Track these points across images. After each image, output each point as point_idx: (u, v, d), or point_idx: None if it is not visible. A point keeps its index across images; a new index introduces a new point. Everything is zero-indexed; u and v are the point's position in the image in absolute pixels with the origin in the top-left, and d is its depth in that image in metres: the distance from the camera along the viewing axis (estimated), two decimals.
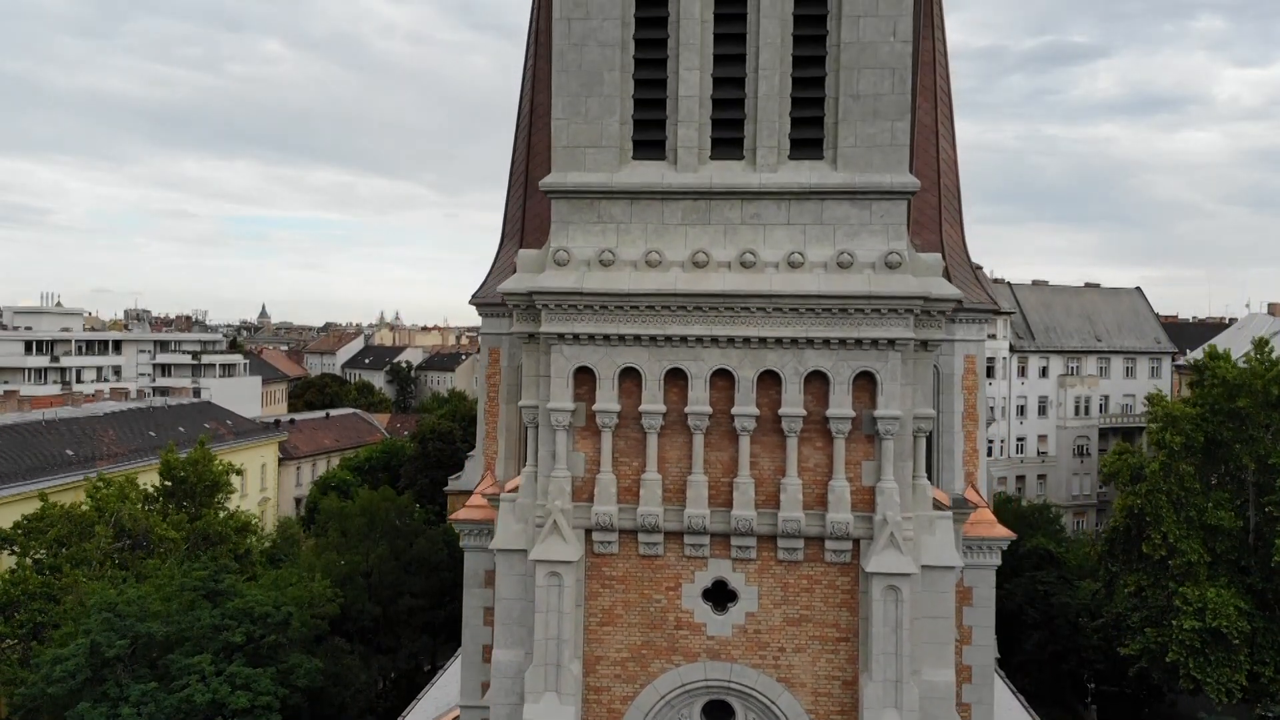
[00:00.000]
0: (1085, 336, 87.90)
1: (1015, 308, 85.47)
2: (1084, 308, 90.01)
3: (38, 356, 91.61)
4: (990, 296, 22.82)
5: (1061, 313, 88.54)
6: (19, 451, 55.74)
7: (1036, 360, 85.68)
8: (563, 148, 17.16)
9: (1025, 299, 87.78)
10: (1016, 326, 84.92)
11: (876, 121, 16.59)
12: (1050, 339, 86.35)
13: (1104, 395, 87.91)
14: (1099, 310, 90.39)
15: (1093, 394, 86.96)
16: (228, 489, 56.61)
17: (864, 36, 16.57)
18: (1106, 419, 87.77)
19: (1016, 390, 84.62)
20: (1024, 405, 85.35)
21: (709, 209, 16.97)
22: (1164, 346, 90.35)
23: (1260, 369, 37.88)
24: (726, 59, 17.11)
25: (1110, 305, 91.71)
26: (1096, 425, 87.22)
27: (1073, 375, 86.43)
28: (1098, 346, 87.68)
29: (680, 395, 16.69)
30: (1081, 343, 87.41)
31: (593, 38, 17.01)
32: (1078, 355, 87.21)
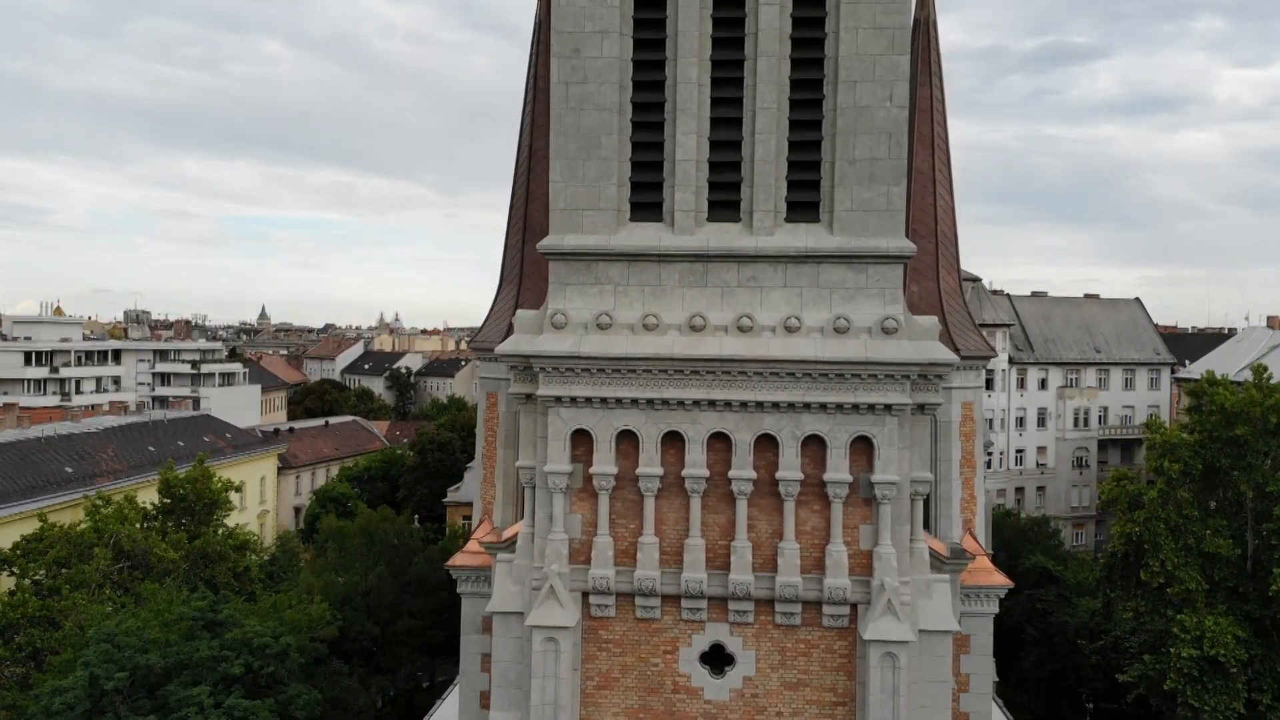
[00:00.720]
0: (1084, 348, 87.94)
1: (1014, 319, 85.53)
2: (1083, 319, 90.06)
3: (37, 368, 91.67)
4: (986, 342, 22.86)
5: (1060, 324, 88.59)
6: (18, 469, 55.76)
7: (1035, 372, 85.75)
8: (560, 210, 17.20)
9: (1024, 310, 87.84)
10: (1015, 338, 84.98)
11: (873, 186, 16.62)
12: (1049, 351, 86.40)
13: (1103, 407, 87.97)
14: (1098, 321, 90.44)
15: (1092, 405, 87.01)
16: (227, 506, 56.64)
17: (860, 101, 16.60)
18: (1106, 431, 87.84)
19: (1016, 402, 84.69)
20: (1023, 417, 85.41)
21: (706, 271, 17.00)
22: (1163, 358, 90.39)
23: (1258, 396, 37.89)
24: (723, 122, 17.15)
25: (1109, 316, 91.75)
26: (1096, 437, 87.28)
27: (1072, 387, 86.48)
28: (1097, 358, 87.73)
29: (678, 457, 16.72)
30: (1080, 354, 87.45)
31: (590, 102, 17.05)
32: (1077, 367, 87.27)
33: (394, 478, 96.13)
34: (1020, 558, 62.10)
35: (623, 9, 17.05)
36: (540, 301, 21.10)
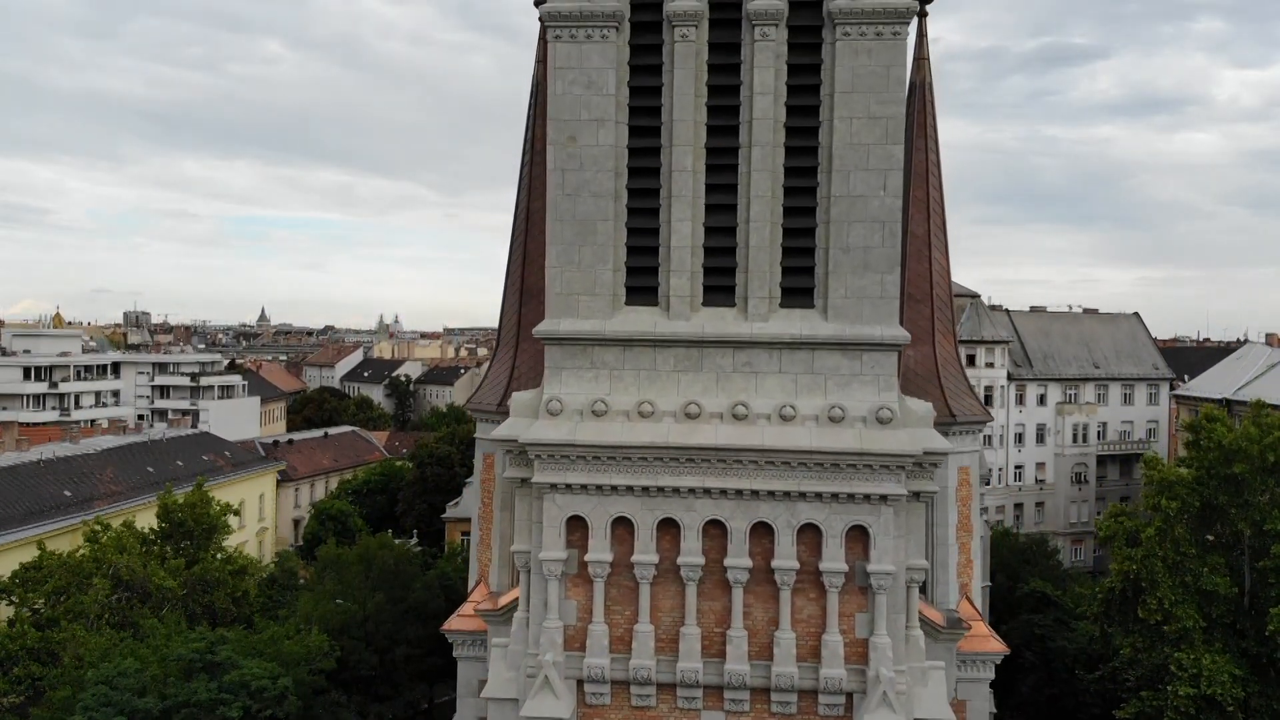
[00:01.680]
0: (1083, 364, 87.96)
1: (1013, 335, 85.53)
2: (1082, 334, 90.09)
3: (36, 383, 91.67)
4: (982, 407, 22.90)
5: (1059, 339, 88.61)
6: (17, 494, 55.79)
7: (1034, 388, 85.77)
8: (557, 294, 17.25)
9: (1023, 326, 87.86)
10: (1014, 354, 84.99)
11: (867, 274, 16.67)
12: (1048, 366, 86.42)
13: (1102, 422, 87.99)
14: (1097, 336, 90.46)
15: (1090, 421, 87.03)
16: (225, 531, 56.69)
17: (854, 190, 16.65)
18: (1104, 446, 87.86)
19: (1015, 418, 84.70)
20: (1022, 433, 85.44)
21: (701, 356, 17.04)
22: (1162, 373, 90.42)
23: (1256, 434, 37.87)
24: (718, 209, 17.21)
25: (1108, 331, 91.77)
26: (1094, 452, 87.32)
27: (1071, 403, 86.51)
28: (1095, 374, 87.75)
29: (673, 543, 16.75)
30: (1079, 370, 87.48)
31: (586, 189, 17.11)
32: (1076, 383, 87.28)
33: (393, 491, 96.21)
34: (1019, 580, 62.11)
35: (618, 98, 17.11)
36: (536, 366, 21.18)
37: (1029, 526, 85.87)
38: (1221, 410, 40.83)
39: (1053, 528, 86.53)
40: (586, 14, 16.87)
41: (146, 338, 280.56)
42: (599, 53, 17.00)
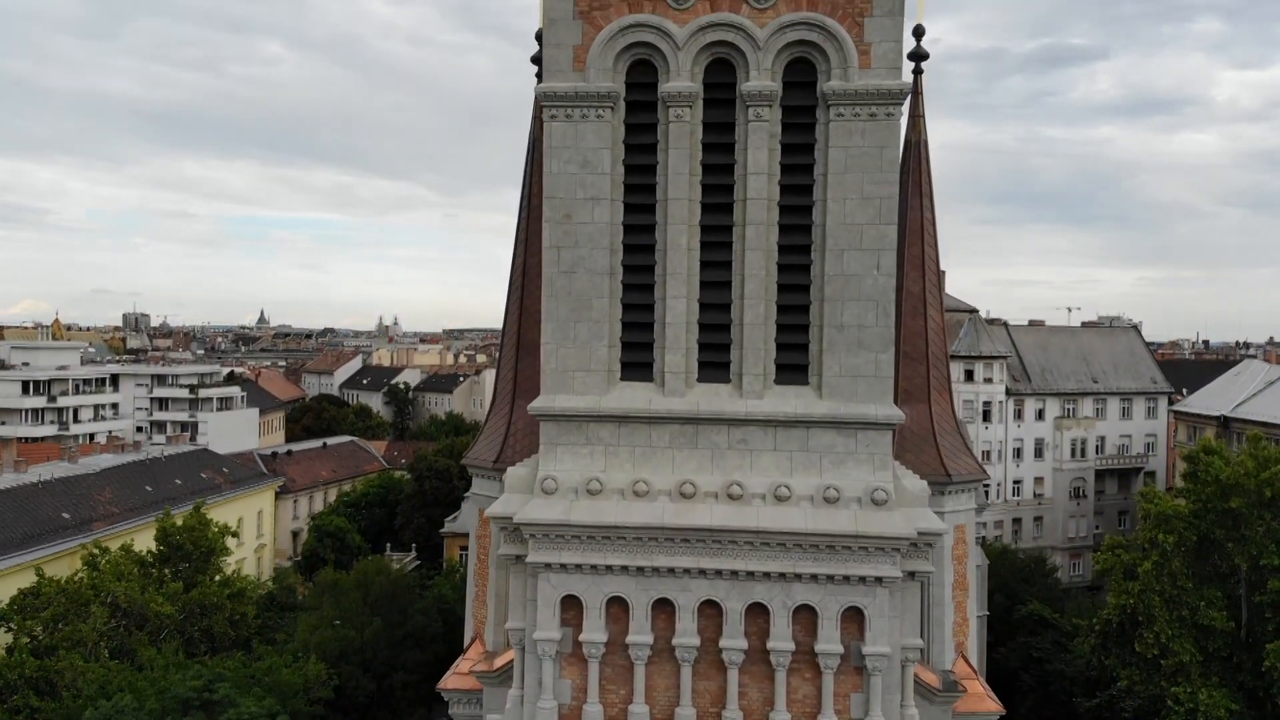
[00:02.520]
0: (1082, 378, 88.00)
1: (1011, 350, 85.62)
2: (1080, 348, 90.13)
3: (35, 397, 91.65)
4: (978, 464, 22.91)
5: (1058, 354, 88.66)
6: (16, 518, 55.79)
7: (1033, 403, 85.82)
8: (552, 370, 17.27)
9: (1021, 340, 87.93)
10: (1013, 369, 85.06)
11: (861, 353, 16.70)
12: (1047, 381, 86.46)
13: (1100, 436, 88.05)
14: (1095, 350, 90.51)
15: (1089, 435, 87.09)
16: (223, 553, 56.73)
17: (848, 270, 16.68)
18: (1103, 460, 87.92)
19: (1013, 433, 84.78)
20: (1020, 448, 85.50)
21: (696, 433, 17.06)
22: (1160, 387, 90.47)
23: (1253, 467, 37.94)
24: (713, 285, 17.24)
25: (1106, 345, 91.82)
26: (1093, 467, 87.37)
27: (1069, 417, 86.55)
28: (1094, 388, 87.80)
29: (668, 623, 16.77)
30: (1078, 384, 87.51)
31: (582, 265, 17.13)
32: (1074, 397, 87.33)
33: (391, 504, 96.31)
34: (1017, 600, 62.18)
35: (614, 176, 17.14)
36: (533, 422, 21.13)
37: (1027, 542, 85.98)
38: (1220, 442, 40.79)
39: (1051, 542, 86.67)
40: (582, 94, 16.91)
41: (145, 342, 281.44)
42: (594, 132, 17.03)
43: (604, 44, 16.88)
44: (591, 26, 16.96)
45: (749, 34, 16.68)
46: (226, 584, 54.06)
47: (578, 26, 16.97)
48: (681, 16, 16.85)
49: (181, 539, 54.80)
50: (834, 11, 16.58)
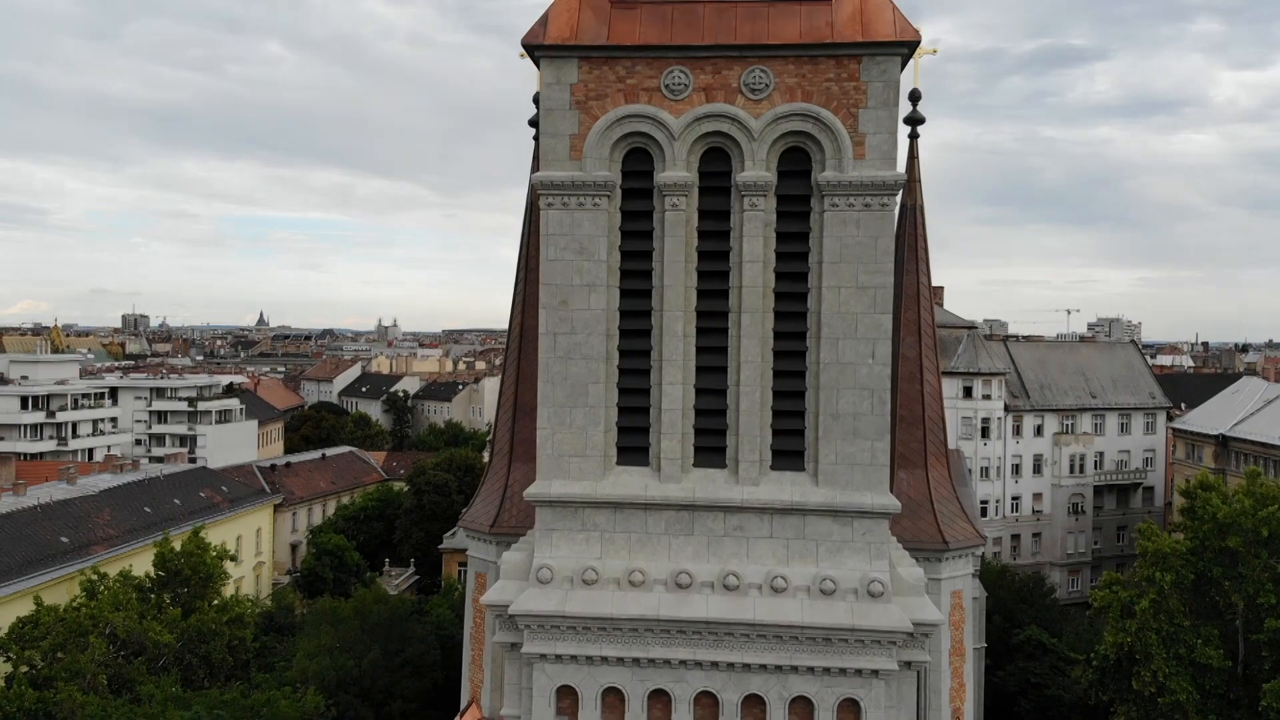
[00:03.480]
0: (1080, 393, 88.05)
1: (1010, 366, 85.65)
2: (1079, 364, 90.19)
3: (34, 412, 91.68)
4: (975, 530, 22.95)
5: (1056, 370, 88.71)
6: (14, 543, 55.81)
7: (1031, 419, 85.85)
8: (548, 456, 17.29)
9: (1019, 357, 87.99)
10: (1011, 385, 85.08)
11: (856, 441, 16.73)
12: (1045, 397, 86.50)
13: (1099, 452, 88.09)
14: (1094, 366, 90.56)
15: (1087, 451, 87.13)
16: (221, 579, 56.77)
17: (843, 358, 16.72)
18: (1101, 476, 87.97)
19: (1011, 449, 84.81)
20: (1019, 464, 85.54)
21: (693, 520, 17.09)
22: (1159, 402, 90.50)
23: (1250, 506, 37.98)
24: (709, 371, 17.27)
25: (1105, 360, 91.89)
26: (1091, 483, 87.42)
27: (1068, 433, 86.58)
28: (1093, 403, 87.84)
29: (664, 713, 16.80)
30: (1076, 400, 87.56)
31: (578, 351, 17.16)
32: (1073, 413, 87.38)
33: (390, 518, 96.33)
34: (1015, 622, 62.23)
35: (610, 263, 17.17)
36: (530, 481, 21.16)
37: (1026, 558, 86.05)
38: (1218, 477, 40.83)
39: (1050, 559, 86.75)
40: (579, 183, 16.93)
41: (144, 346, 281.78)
42: (591, 220, 17.06)
43: (600, 134, 16.91)
44: (588, 116, 16.98)
45: (744, 125, 16.72)
46: (225, 609, 54.06)
47: (574, 116, 17.00)
48: (677, 107, 16.88)
49: (180, 564, 54.85)
50: (828, 103, 16.61)
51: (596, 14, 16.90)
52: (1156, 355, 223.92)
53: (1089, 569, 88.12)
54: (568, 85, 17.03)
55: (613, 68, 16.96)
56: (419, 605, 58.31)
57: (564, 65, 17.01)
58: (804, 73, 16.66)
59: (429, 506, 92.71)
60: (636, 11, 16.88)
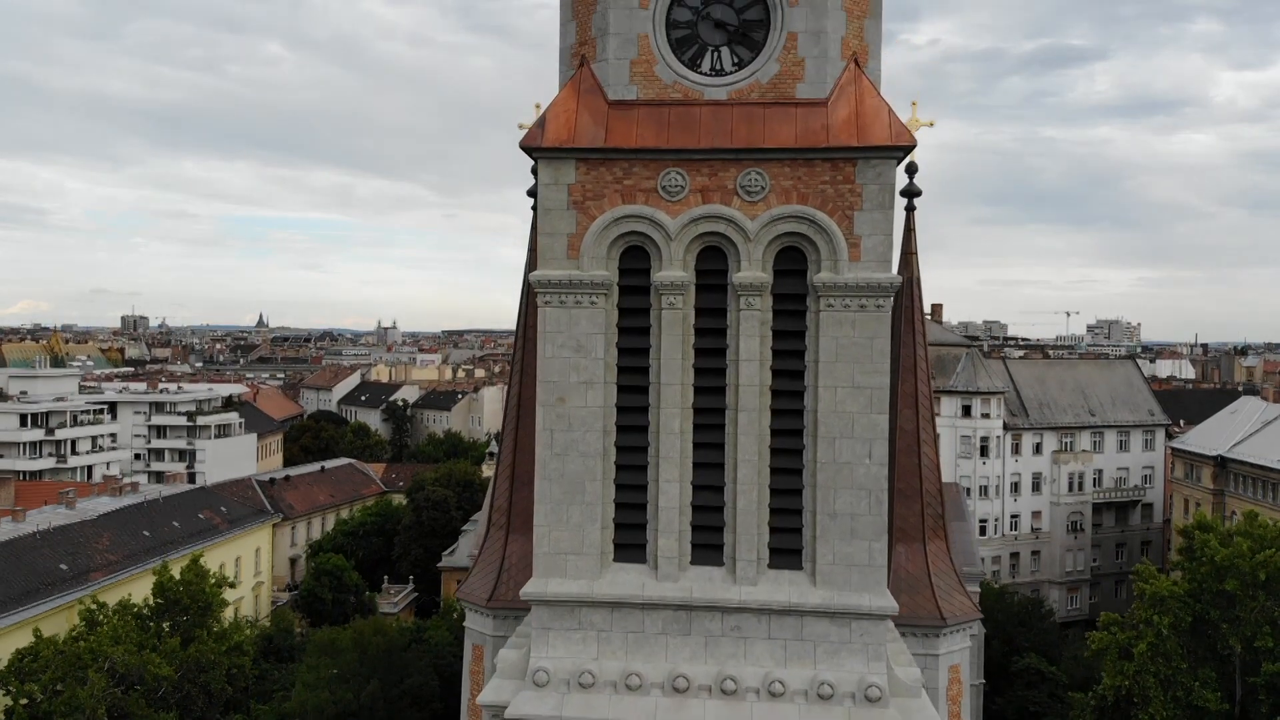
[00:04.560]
0: (1079, 411, 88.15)
1: (1009, 384, 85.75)
2: (1077, 381, 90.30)
3: (33, 429, 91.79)
4: (972, 603, 23.02)
5: (1055, 387, 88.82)
6: (13, 571, 55.86)
7: (1030, 437, 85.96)
8: (544, 554, 17.34)
9: (1019, 374, 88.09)
10: (1010, 403, 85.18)
11: (854, 541, 16.77)
12: (1044, 415, 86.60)
13: (1098, 469, 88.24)
14: (1093, 383, 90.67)
15: (1086, 469, 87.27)
16: (221, 607, 56.85)
17: (840, 457, 16.75)
18: (1100, 493, 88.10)
19: (1010, 468, 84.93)
20: (1017, 482, 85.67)
21: (690, 619, 17.13)
22: (1158, 419, 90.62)
23: (1247, 549, 38.06)
24: (706, 468, 17.31)
25: (1104, 377, 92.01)
26: (1090, 500, 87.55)
27: (1067, 451, 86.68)
28: (1092, 421, 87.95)
29: None
30: (1075, 418, 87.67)
31: (575, 449, 17.20)
32: (1071, 431, 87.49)
33: (389, 533, 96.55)
34: (1014, 647, 62.31)
35: (607, 359, 17.21)
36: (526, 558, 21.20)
37: (1025, 576, 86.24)
38: (1216, 517, 40.90)
39: (1049, 576, 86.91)
40: (576, 282, 16.98)
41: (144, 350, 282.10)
42: (588, 318, 17.11)
43: (598, 234, 16.96)
44: (585, 216, 17.03)
45: (740, 226, 16.76)
46: (224, 637, 54.13)
47: (571, 216, 17.05)
48: (674, 208, 16.93)
49: (179, 593, 54.91)
50: (824, 205, 16.65)
51: (594, 116, 16.94)
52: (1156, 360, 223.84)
53: (1088, 586, 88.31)
54: (565, 186, 17.08)
55: (610, 169, 17.01)
56: (418, 633, 58.37)
57: (562, 166, 17.06)
58: (799, 175, 16.71)
59: (428, 523, 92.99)
60: (633, 113, 16.92)
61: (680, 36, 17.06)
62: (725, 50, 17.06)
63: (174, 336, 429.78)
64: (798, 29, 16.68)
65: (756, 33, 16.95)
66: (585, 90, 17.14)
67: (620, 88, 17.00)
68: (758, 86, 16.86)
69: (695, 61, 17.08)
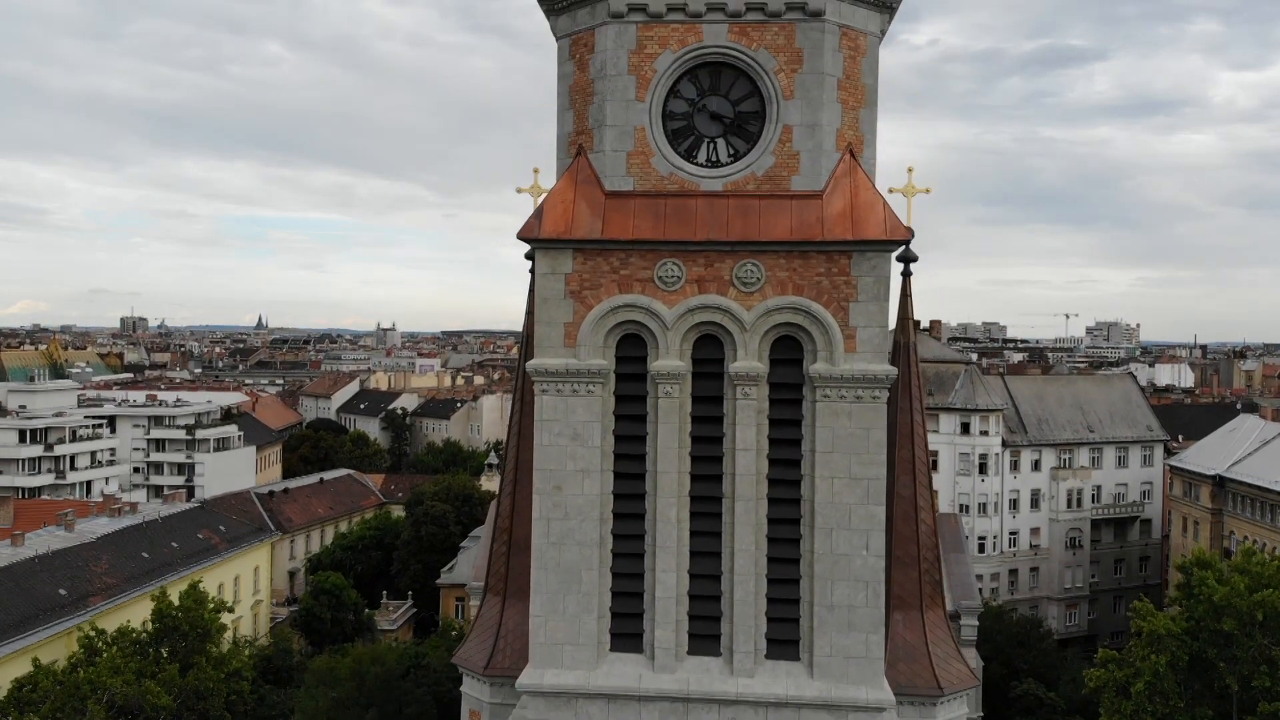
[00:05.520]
0: (1077, 428, 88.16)
1: (1007, 401, 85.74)
2: (1076, 397, 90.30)
3: (32, 445, 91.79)
4: (970, 670, 23.02)
5: (1054, 403, 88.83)
6: (12, 597, 55.85)
7: (1029, 454, 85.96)
8: (540, 644, 17.35)
9: (1017, 391, 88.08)
10: (1009, 420, 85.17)
11: (851, 633, 16.78)
12: (1042, 432, 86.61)
13: (1096, 485, 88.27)
14: (1091, 399, 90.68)
15: (1085, 485, 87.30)
16: (220, 634, 56.85)
17: (837, 549, 16.77)
18: (1099, 509, 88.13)
19: (1009, 484, 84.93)
20: (1016, 499, 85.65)
21: (686, 711, 17.12)
22: (1156, 435, 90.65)
23: (1244, 587, 38.08)
24: (703, 557, 17.32)
25: (1102, 393, 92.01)
26: (1089, 517, 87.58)
27: (1065, 468, 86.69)
28: (1090, 437, 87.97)
29: None
30: (1074, 434, 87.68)
31: (571, 538, 17.22)
32: (1070, 447, 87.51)
33: (388, 546, 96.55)
34: (1012, 669, 62.33)
35: (604, 448, 17.23)
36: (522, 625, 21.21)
37: (1023, 592, 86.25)
38: (1214, 553, 40.93)
39: (1047, 593, 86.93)
40: (573, 371, 17.00)
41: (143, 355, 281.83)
42: (585, 406, 17.12)
43: (595, 323, 16.98)
44: (582, 305, 17.05)
45: (736, 317, 16.79)
46: (222, 663, 54.12)
47: (569, 305, 17.07)
48: (670, 298, 16.95)
49: (178, 619, 54.90)
50: (820, 296, 16.68)
51: (591, 207, 16.95)
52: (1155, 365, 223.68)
53: (1086, 603, 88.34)
54: (562, 275, 17.10)
55: (607, 259, 17.03)
56: (416, 659, 58.34)
57: (559, 256, 17.08)
58: (795, 267, 16.74)
59: (427, 538, 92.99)
60: (630, 204, 16.93)
61: (676, 128, 17.08)
62: (721, 141, 17.10)
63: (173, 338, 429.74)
64: (793, 122, 16.69)
65: (752, 124, 16.97)
66: (582, 180, 17.16)
67: (617, 179, 17.01)
68: (753, 179, 16.88)
69: (691, 152, 17.11)
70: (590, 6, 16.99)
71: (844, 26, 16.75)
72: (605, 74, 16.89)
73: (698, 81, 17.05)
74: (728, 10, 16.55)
